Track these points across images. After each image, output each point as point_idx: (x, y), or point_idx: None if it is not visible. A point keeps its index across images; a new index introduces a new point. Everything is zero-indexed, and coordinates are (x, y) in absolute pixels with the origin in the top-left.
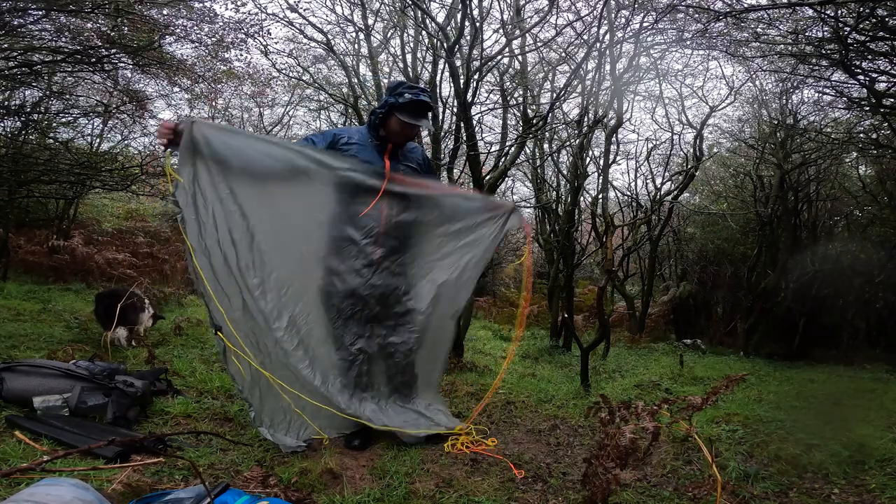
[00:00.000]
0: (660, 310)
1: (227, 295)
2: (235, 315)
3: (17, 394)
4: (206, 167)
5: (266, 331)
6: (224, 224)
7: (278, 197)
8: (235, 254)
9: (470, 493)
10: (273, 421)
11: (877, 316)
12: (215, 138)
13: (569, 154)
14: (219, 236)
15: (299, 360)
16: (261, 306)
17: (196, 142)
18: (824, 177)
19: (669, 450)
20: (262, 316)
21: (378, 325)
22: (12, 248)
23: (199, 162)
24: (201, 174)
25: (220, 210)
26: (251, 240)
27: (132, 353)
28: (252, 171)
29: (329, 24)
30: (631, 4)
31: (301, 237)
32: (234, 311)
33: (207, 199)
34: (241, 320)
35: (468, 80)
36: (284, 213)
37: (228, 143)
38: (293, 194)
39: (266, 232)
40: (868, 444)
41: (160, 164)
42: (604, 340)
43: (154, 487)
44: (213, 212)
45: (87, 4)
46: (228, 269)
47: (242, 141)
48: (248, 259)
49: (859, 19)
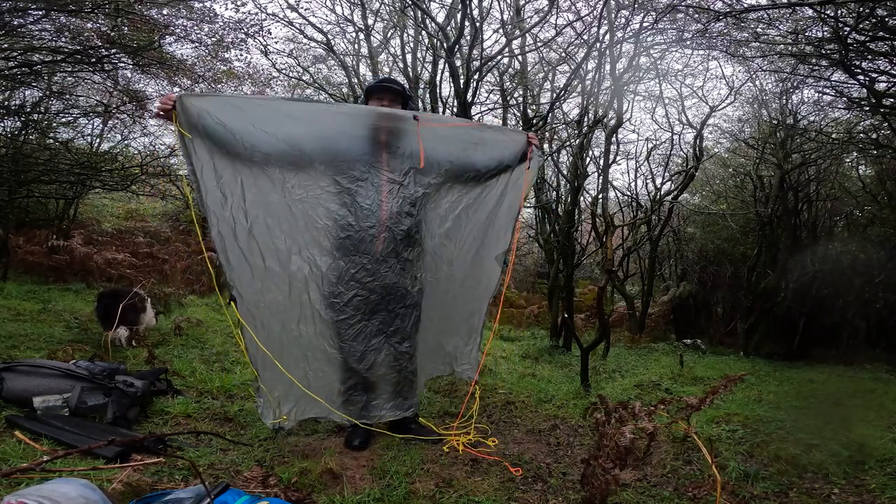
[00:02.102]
0: (660, 310)
1: (250, 265)
2: (254, 286)
3: (17, 394)
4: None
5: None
6: (241, 200)
7: (277, 183)
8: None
9: (470, 493)
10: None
11: (877, 316)
12: (212, 113)
13: (569, 154)
14: (245, 207)
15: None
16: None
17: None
18: (824, 177)
19: (669, 450)
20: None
21: (382, 323)
22: (12, 248)
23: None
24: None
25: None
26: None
27: (132, 353)
28: (254, 154)
29: (329, 24)
30: (631, 4)
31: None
32: (254, 282)
33: (223, 174)
34: (259, 291)
35: (468, 80)
36: (284, 201)
37: (226, 122)
38: (295, 183)
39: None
40: (868, 444)
41: (160, 164)
42: (604, 340)
43: (154, 487)
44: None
45: (87, 4)
46: (252, 238)
47: (243, 117)
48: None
49: (859, 19)
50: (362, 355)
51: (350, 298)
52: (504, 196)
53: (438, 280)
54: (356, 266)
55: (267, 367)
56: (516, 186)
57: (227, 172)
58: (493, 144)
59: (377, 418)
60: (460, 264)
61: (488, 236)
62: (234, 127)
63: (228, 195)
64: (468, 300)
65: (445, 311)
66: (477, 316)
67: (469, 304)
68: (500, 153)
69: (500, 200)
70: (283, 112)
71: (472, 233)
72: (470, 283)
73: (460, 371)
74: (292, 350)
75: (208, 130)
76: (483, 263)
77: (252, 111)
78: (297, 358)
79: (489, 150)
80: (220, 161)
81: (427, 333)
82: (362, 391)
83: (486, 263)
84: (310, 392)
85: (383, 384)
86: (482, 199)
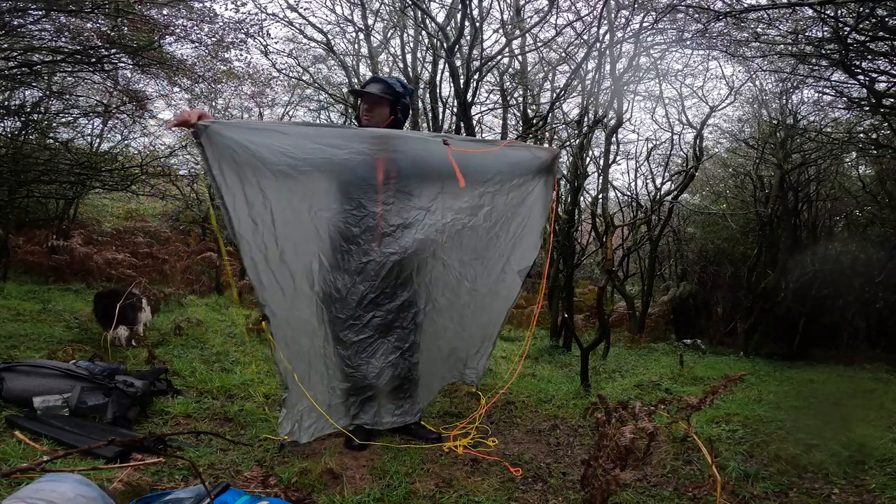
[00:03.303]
0: (660, 310)
1: (281, 286)
2: (284, 305)
3: (17, 394)
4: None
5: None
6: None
7: (292, 194)
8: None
9: (470, 493)
10: (301, 414)
11: (877, 316)
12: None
13: (569, 154)
14: (276, 233)
15: None
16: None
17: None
18: (824, 177)
19: (669, 450)
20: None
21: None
22: (12, 248)
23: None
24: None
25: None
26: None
27: (132, 353)
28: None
29: (329, 24)
30: (631, 4)
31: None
32: (284, 302)
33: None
34: (289, 310)
35: (468, 80)
36: (295, 209)
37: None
38: (303, 192)
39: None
40: (868, 444)
41: (160, 164)
42: (604, 340)
43: (154, 487)
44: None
45: (87, 4)
46: (282, 260)
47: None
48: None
49: (859, 19)
50: (380, 372)
51: (369, 320)
52: (531, 212)
53: (459, 296)
54: (376, 291)
55: (294, 383)
56: (541, 201)
57: (258, 201)
58: (518, 163)
59: (388, 424)
60: (484, 280)
61: (514, 254)
62: (264, 153)
63: (259, 223)
64: (487, 312)
65: (463, 323)
66: (493, 326)
67: (487, 316)
68: (526, 169)
69: (528, 216)
70: (309, 137)
71: (499, 250)
72: (491, 296)
73: (465, 374)
74: (318, 367)
75: (237, 158)
76: (506, 278)
77: (279, 136)
78: (323, 374)
79: (516, 168)
80: (249, 189)
81: (442, 342)
82: (373, 401)
83: (508, 277)
84: (325, 413)
85: (395, 393)
86: (508, 216)
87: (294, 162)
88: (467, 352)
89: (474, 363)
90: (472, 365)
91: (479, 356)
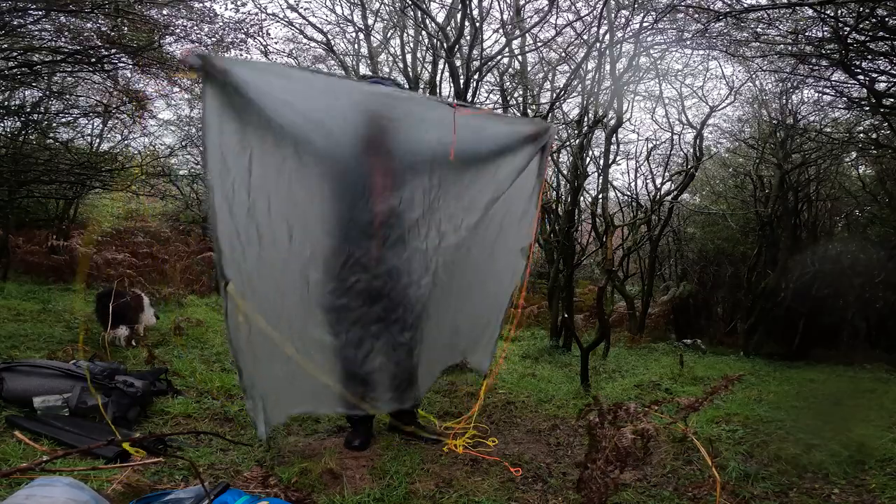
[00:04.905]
0: (660, 310)
1: (251, 242)
2: (250, 269)
3: (17, 394)
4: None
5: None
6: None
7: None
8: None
9: (470, 493)
10: (265, 399)
11: (877, 316)
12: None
13: (569, 154)
14: (250, 183)
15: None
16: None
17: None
18: (824, 177)
19: (669, 450)
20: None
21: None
22: (12, 248)
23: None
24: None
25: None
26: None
27: (132, 353)
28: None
29: (329, 24)
30: (631, 4)
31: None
32: (246, 263)
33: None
34: (259, 276)
35: (468, 80)
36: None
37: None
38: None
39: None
40: (868, 444)
41: (160, 163)
42: (604, 340)
43: (154, 487)
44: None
45: (87, 4)
46: (250, 216)
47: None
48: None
49: (859, 19)
50: (360, 341)
51: (353, 283)
52: (519, 178)
53: (456, 270)
54: (362, 250)
55: (248, 362)
56: (531, 172)
57: (236, 142)
58: (514, 137)
59: (375, 410)
60: (480, 253)
61: (506, 220)
62: (260, 97)
63: (233, 167)
64: (489, 293)
65: (463, 302)
66: (497, 310)
67: (490, 297)
68: (520, 143)
69: (524, 195)
70: (315, 87)
71: (494, 220)
72: (492, 274)
73: (473, 362)
74: (300, 334)
75: (234, 103)
76: (507, 254)
77: (284, 82)
78: (291, 346)
79: (514, 141)
80: (228, 126)
81: (443, 322)
82: (359, 383)
83: (509, 254)
84: (309, 371)
85: (380, 375)
86: (505, 192)
87: (291, 112)
88: (470, 336)
89: (482, 348)
90: (480, 351)
91: (486, 341)
